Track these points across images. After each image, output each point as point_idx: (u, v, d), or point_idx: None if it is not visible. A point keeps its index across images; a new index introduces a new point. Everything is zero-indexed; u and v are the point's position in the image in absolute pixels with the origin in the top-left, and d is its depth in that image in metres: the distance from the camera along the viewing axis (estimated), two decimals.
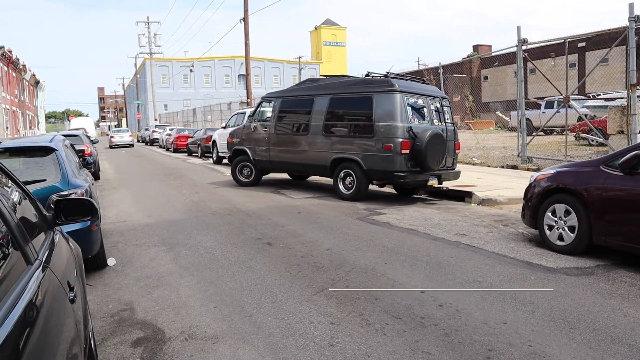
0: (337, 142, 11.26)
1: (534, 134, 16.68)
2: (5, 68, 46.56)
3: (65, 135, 10.40)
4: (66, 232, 3.47)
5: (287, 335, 4.05)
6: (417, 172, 10.32)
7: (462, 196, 10.62)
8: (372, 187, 11.77)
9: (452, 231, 7.60)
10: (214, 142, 21.65)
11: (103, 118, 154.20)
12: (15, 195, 2.53)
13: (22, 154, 6.20)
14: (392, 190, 12.37)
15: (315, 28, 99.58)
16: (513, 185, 11.14)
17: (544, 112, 23.77)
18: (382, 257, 6.23)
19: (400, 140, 10.08)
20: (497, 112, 37.45)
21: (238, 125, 17.74)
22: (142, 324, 4.44)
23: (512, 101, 22.73)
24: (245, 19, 27.53)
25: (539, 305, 4.55)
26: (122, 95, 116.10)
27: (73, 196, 5.20)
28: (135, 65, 76.65)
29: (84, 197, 3.17)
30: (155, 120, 59.50)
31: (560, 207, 6.33)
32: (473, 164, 15.93)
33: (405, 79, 11.37)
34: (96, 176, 16.32)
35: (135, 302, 5.01)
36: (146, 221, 9.22)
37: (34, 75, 65.74)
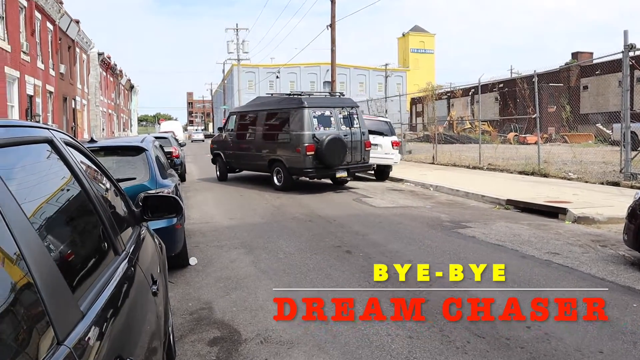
0: (271, 147, 14.76)
1: None
2: (104, 73, 49.89)
3: (155, 137, 10.98)
4: (152, 230, 3.64)
5: (363, 346, 4.02)
6: (322, 168, 13.64)
7: (555, 212, 10.11)
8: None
9: (543, 249, 7.25)
10: None
11: (191, 122, 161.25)
12: (109, 191, 2.68)
13: (115, 152, 6.61)
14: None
15: (403, 35, 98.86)
16: (614, 204, 10.45)
17: None
18: (466, 272, 6.03)
19: (306, 144, 13.39)
20: (597, 125, 35.37)
21: None
22: (219, 324, 4.57)
23: (615, 113, 21.39)
24: (332, 25, 27.83)
25: None
26: (209, 100, 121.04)
27: (160, 194, 5.46)
28: (223, 71, 79.61)
29: (170, 195, 3.31)
30: None
31: None
32: (569, 179, 15.12)
33: (320, 96, 15.30)
34: (182, 178, 17.05)
35: (214, 302, 5.17)
36: (228, 223, 9.51)
37: (129, 80, 69.88)
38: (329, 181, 16.18)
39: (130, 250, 2.38)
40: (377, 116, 21.55)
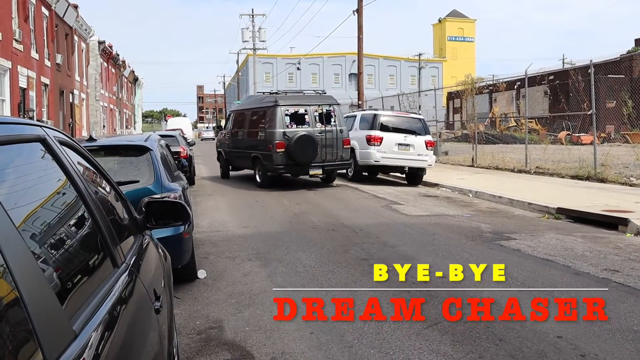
0: (253, 145, 16.89)
1: None
2: (105, 64, 50.63)
3: (161, 136, 11.06)
4: (157, 239, 3.66)
5: None
6: (294, 165, 15.55)
7: (614, 223, 9.92)
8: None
9: (600, 265, 7.11)
10: None
11: (201, 119, 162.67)
12: (108, 196, 2.70)
13: (116, 152, 6.68)
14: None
15: (439, 21, 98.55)
16: None
17: None
18: (510, 290, 5.96)
19: (276, 142, 15.39)
20: None
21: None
22: (230, 345, 4.58)
23: None
24: (359, 10, 27.86)
25: None
26: (222, 94, 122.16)
27: (165, 199, 5.49)
28: (238, 62, 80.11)
29: (176, 200, 3.33)
30: None
31: None
32: (630, 185, 14.85)
33: (297, 94, 17.58)
34: (191, 181, 17.19)
35: (225, 320, 5.18)
36: (241, 232, 9.55)
37: (133, 71, 70.87)
38: (353, 186, 16.34)
39: (131, 262, 2.39)
40: (409, 113, 21.44)
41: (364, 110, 21.76)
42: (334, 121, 16.28)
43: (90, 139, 6.60)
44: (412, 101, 32.27)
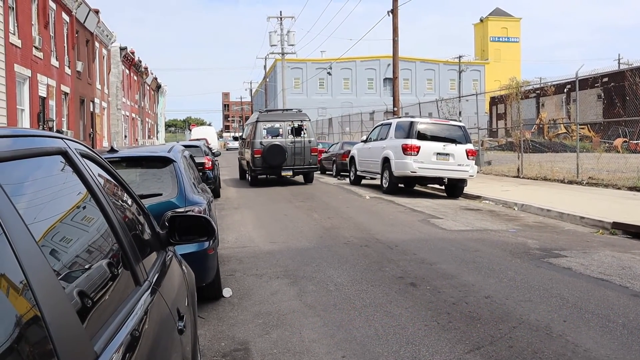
0: (246, 152, 22.89)
1: None
2: (127, 71, 51.51)
3: (185, 146, 11.20)
4: (180, 255, 3.72)
5: None
6: (268, 168, 21.30)
7: None
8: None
9: None
10: (352, 158, 22.05)
11: (227, 128, 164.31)
12: (130, 210, 2.76)
13: (138, 164, 6.80)
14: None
15: (481, 20, 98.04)
16: None
17: None
18: (560, 312, 5.88)
19: (255, 149, 21.22)
20: None
21: (382, 138, 19.25)
22: None
23: None
24: (394, 11, 27.89)
25: None
26: (248, 102, 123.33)
27: (189, 213, 5.56)
28: (265, 67, 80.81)
29: (201, 215, 3.38)
30: None
31: None
32: None
33: (275, 112, 24.09)
34: (216, 194, 17.36)
35: (251, 342, 5.21)
36: (269, 248, 9.60)
37: (156, 78, 71.88)
38: (388, 198, 16.40)
39: (154, 280, 2.43)
40: (449, 119, 21.34)
41: (400, 117, 21.73)
42: (304, 134, 22.05)
43: (112, 149, 6.72)
44: (451, 107, 32.06)
